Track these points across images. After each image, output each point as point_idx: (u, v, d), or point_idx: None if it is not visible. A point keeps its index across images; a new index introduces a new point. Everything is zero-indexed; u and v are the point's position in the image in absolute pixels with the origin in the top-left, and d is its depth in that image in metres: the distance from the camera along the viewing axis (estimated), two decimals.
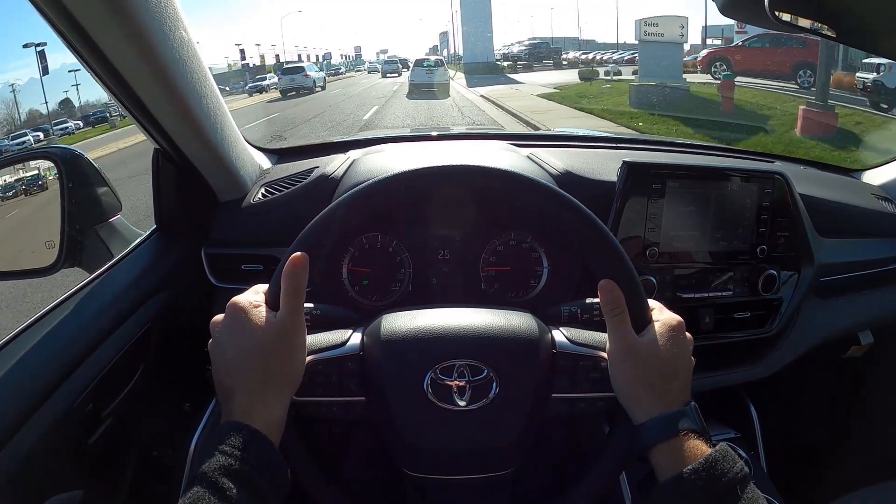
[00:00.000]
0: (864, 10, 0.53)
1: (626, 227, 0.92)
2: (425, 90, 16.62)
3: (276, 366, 0.56)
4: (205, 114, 0.83)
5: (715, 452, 0.52)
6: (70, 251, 0.90)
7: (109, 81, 0.71)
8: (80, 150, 0.97)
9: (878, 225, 1.18)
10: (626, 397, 0.58)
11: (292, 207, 0.98)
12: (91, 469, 0.73)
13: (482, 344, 0.61)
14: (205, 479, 0.47)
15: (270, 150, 1.20)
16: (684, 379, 0.58)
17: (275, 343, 0.56)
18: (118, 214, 1.01)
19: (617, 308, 0.58)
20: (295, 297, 0.57)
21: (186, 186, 0.94)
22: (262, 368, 0.55)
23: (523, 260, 0.95)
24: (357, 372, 0.61)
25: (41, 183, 1.02)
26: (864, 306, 1.17)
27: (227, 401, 0.55)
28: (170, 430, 0.95)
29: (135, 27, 0.65)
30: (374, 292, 0.95)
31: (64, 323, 0.74)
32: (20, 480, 0.61)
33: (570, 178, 0.98)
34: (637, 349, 0.57)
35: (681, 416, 0.55)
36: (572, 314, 0.71)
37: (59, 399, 0.67)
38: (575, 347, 0.63)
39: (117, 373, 0.78)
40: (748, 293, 1.00)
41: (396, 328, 0.63)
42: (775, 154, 1.36)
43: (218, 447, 0.50)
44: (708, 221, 0.96)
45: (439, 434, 0.60)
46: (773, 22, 0.53)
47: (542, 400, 0.62)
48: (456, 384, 0.59)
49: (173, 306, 0.91)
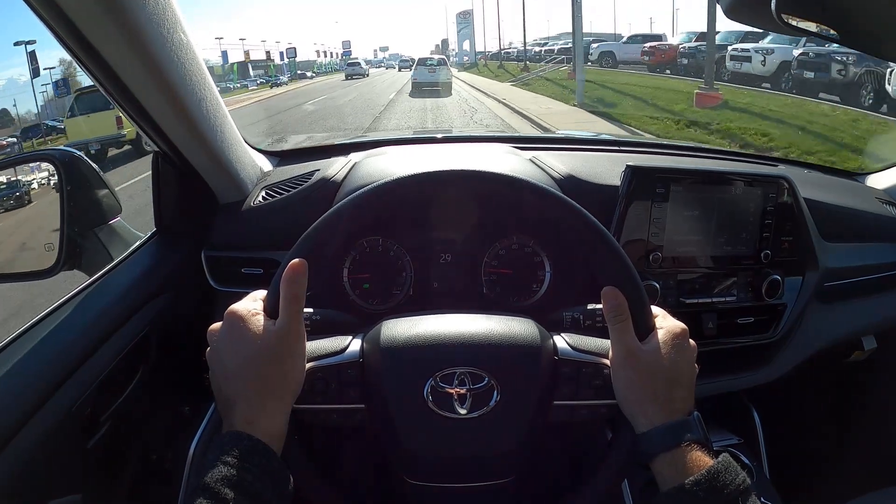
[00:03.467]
0: (868, 15, 0.53)
1: (629, 231, 0.92)
2: (428, 89, 16.97)
3: (275, 374, 0.55)
4: (204, 116, 0.82)
5: (718, 464, 0.51)
6: (69, 254, 0.90)
7: (107, 83, 0.71)
8: (80, 153, 0.96)
9: (882, 229, 1.17)
10: (629, 405, 0.57)
11: (293, 211, 0.97)
12: (90, 472, 0.73)
13: (483, 351, 0.61)
14: (207, 490, 0.47)
15: (271, 152, 1.19)
16: (688, 387, 0.58)
17: (274, 351, 0.55)
18: (118, 217, 1.00)
19: (620, 315, 0.57)
20: (294, 303, 0.56)
21: (186, 189, 0.94)
22: (262, 377, 0.54)
23: (525, 264, 0.95)
24: (357, 379, 0.61)
25: (20, 194, 1.01)
26: (868, 311, 1.16)
27: (228, 410, 0.54)
28: (169, 433, 0.95)
29: (132, 29, 0.64)
30: (375, 296, 0.94)
31: (63, 326, 0.74)
32: (19, 483, 0.60)
33: (572, 181, 0.97)
34: (640, 356, 0.57)
35: (684, 426, 0.55)
36: (574, 320, 0.70)
37: (58, 402, 0.67)
38: (577, 354, 0.62)
39: (116, 376, 0.77)
40: (752, 298, 0.99)
41: (396, 335, 0.62)
42: (779, 158, 1.35)
43: (220, 457, 0.49)
44: (712, 226, 0.95)
45: (439, 442, 0.60)
46: (779, 24, 0.53)
47: (543, 407, 0.61)
48: (456, 392, 0.59)
49: (173, 309, 0.91)
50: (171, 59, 0.71)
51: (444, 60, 19.49)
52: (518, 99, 13.38)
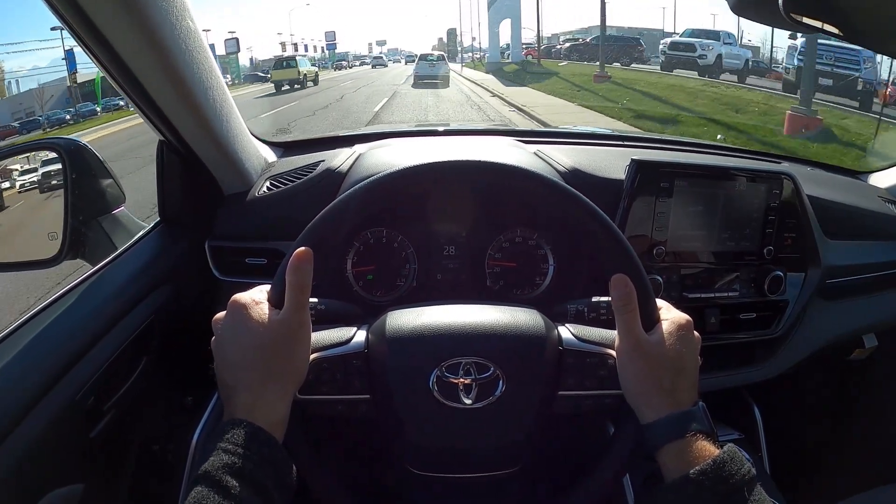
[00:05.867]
0: (875, 13, 0.52)
1: (633, 225, 0.92)
2: (428, 81, 19.22)
3: (278, 363, 0.55)
4: (210, 105, 0.82)
5: (723, 454, 0.51)
6: (73, 243, 0.89)
7: (115, 72, 0.70)
8: (85, 142, 0.96)
9: (884, 228, 1.17)
10: (634, 396, 0.57)
11: (297, 201, 0.97)
12: (92, 462, 0.73)
13: (488, 341, 0.61)
14: (208, 477, 0.47)
15: (276, 143, 1.19)
16: (692, 378, 0.58)
17: (277, 340, 0.55)
18: (122, 206, 1.00)
19: (629, 304, 0.57)
20: (300, 292, 0.56)
21: (191, 178, 0.93)
22: (265, 366, 0.54)
23: (529, 257, 0.95)
24: (362, 370, 0.61)
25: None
26: (869, 309, 1.17)
27: (230, 398, 0.54)
28: (172, 424, 0.95)
29: (140, 16, 0.64)
30: (379, 288, 0.94)
31: (66, 315, 0.73)
32: (21, 473, 0.60)
33: (577, 175, 0.97)
34: (646, 347, 0.57)
35: (689, 417, 0.55)
36: (579, 312, 0.70)
37: (61, 392, 0.67)
38: (582, 344, 0.62)
39: (119, 366, 0.77)
40: (754, 294, 0.99)
41: (402, 325, 0.62)
42: (782, 155, 1.35)
43: (221, 445, 0.49)
44: (715, 221, 0.95)
45: (445, 432, 0.60)
46: (786, 21, 0.53)
47: (548, 398, 0.61)
48: (462, 382, 0.59)
49: (177, 299, 0.91)
50: (180, 47, 0.71)
51: (442, 56, 21.55)
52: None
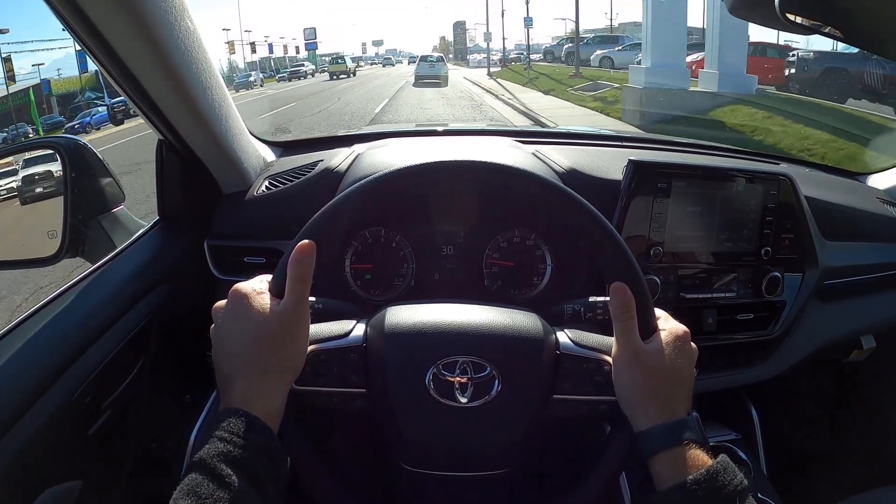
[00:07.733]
0: (872, 14, 0.53)
1: (630, 226, 0.92)
2: (428, 80, 20.47)
3: (276, 353, 0.55)
4: (209, 105, 0.82)
5: (717, 464, 0.52)
6: (72, 241, 0.90)
7: (114, 71, 0.70)
8: (85, 142, 0.96)
9: (882, 229, 1.17)
10: (629, 403, 0.58)
11: (296, 200, 0.97)
12: (90, 460, 0.73)
13: (486, 341, 0.61)
14: (203, 465, 0.47)
15: (274, 142, 1.19)
16: (687, 389, 0.58)
17: (276, 330, 0.55)
18: (121, 205, 1.00)
19: (627, 313, 0.57)
20: (301, 284, 0.56)
21: (190, 178, 0.94)
22: (263, 356, 0.54)
23: (527, 257, 0.95)
24: (359, 364, 0.61)
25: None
26: (867, 310, 1.17)
27: (227, 387, 0.54)
28: (170, 422, 0.95)
29: (140, 16, 0.64)
30: (377, 287, 0.94)
31: (65, 313, 0.73)
32: (19, 470, 0.61)
33: (575, 175, 0.97)
34: (643, 356, 0.57)
35: (683, 426, 0.55)
36: (576, 312, 0.70)
37: (59, 390, 0.67)
38: (579, 350, 0.62)
39: (118, 364, 0.77)
40: (751, 295, 0.99)
41: (400, 321, 0.62)
42: (780, 156, 1.35)
43: (216, 433, 0.49)
44: (713, 222, 0.96)
45: (439, 430, 0.60)
46: (782, 22, 0.53)
47: (543, 400, 0.61)
48: (458, 380, 0.59)
49: (175, 298, 0.91)
50: (179, 47, 0.71)
51: (441, 57, 23.08)
52: None
